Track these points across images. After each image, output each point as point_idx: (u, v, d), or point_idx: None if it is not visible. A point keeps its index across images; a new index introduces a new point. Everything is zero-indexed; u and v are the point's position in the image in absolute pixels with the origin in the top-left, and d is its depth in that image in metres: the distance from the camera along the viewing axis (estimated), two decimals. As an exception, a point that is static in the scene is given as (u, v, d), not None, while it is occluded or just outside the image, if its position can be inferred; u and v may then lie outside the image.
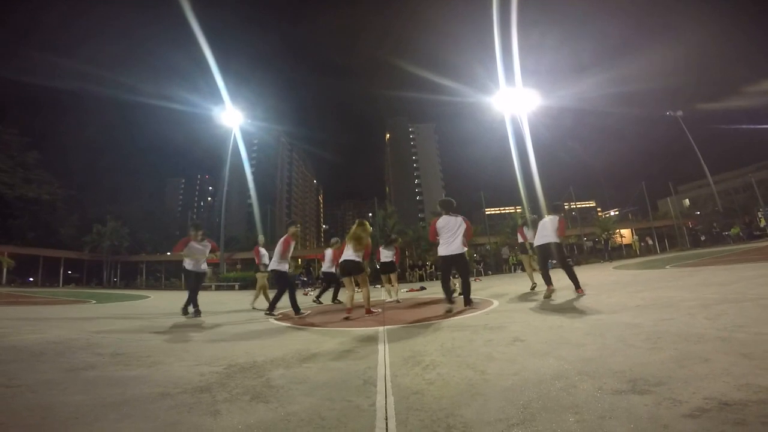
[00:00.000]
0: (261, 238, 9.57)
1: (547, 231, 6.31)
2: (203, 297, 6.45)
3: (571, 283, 5.97)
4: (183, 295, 6.87)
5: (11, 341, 3.78)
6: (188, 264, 6.66)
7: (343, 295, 7.57)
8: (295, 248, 6.49)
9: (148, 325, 5.34)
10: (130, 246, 42.09)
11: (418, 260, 26.14)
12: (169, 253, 46.33)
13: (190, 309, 6.49)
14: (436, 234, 5.54)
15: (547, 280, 6.11)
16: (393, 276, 8.22)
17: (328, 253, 8.93)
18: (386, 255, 8.35)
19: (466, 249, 5.47)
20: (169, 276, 39.18)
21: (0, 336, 4.13)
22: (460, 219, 5.50)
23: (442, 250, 5.44)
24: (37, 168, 40.75)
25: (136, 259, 42.39)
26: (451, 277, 5.62)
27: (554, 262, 6.60)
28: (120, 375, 2.41)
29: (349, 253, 5.65)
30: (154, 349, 3.31)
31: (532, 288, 7.51)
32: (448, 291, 5.39)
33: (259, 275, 8.63)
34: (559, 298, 5.60)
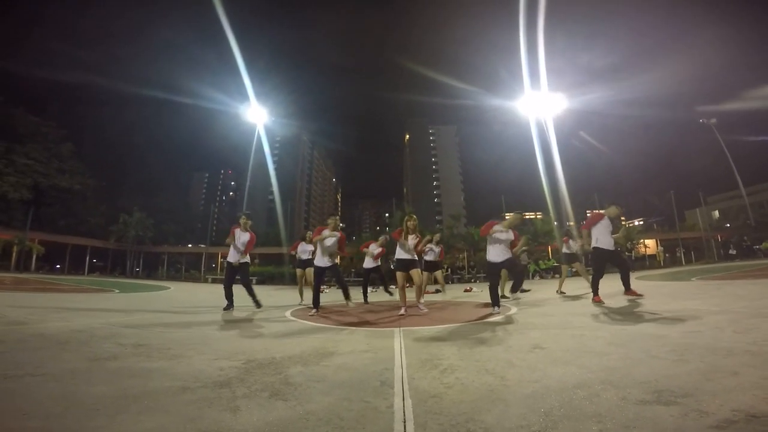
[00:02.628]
0: (309, 233, 9.44)
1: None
2: (220, 290, 6.55)
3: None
4: (202, 287, 7.00)
5: (38, 329, 3.93)
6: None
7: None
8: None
9: (169, 317, 5.47)
10: (153, 237, 43.31)
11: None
12: (190, 245, 47.49)
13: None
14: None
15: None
16: (438, 274, 8.85)
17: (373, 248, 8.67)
18: (433, 253, 8.82)
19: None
20: (189, 268, 40.12)
21: (28, 323, 4.29)
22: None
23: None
24: (71, 159, 42.44)
25: (159, 250, 43.56)
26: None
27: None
28: (141, 366, 2.45)
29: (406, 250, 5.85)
30: (175, 342, 3.37)
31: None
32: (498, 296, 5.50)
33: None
34: (579, 306, 5.49)
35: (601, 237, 5.92)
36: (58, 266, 39.58)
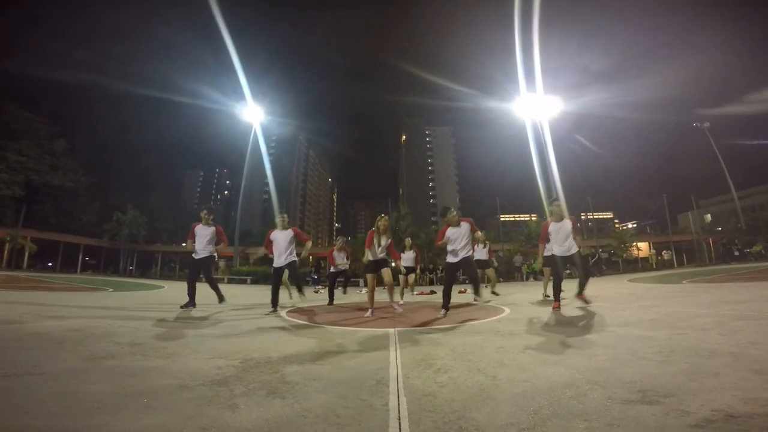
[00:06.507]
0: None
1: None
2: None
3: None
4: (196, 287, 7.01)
5: (33, 327, 3.90)
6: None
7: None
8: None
9: (164, 316, 5.46)
10: (147, 235, 43.06)
11: (429, 264, 26.07)
12: (184, 244, 47.22)
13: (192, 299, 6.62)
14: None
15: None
16: (411, 277, 9.03)
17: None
18: (408, 258, 9.06)
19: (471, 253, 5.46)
20: (184, 267, 39.90)
21: (23, 322, 4.27)
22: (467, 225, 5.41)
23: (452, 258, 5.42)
24: (64, 156, 42.04)
25: (153, 248, 43.32)
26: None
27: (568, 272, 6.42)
28: (138, 365, 2.46)
29: (377, 252, 5.82)
30: (170, 341, 3.40)
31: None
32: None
33: None
34: (570, 309, 5.56)
35: (554, 245, 5.79)
36: (49, 264, 39.32)
